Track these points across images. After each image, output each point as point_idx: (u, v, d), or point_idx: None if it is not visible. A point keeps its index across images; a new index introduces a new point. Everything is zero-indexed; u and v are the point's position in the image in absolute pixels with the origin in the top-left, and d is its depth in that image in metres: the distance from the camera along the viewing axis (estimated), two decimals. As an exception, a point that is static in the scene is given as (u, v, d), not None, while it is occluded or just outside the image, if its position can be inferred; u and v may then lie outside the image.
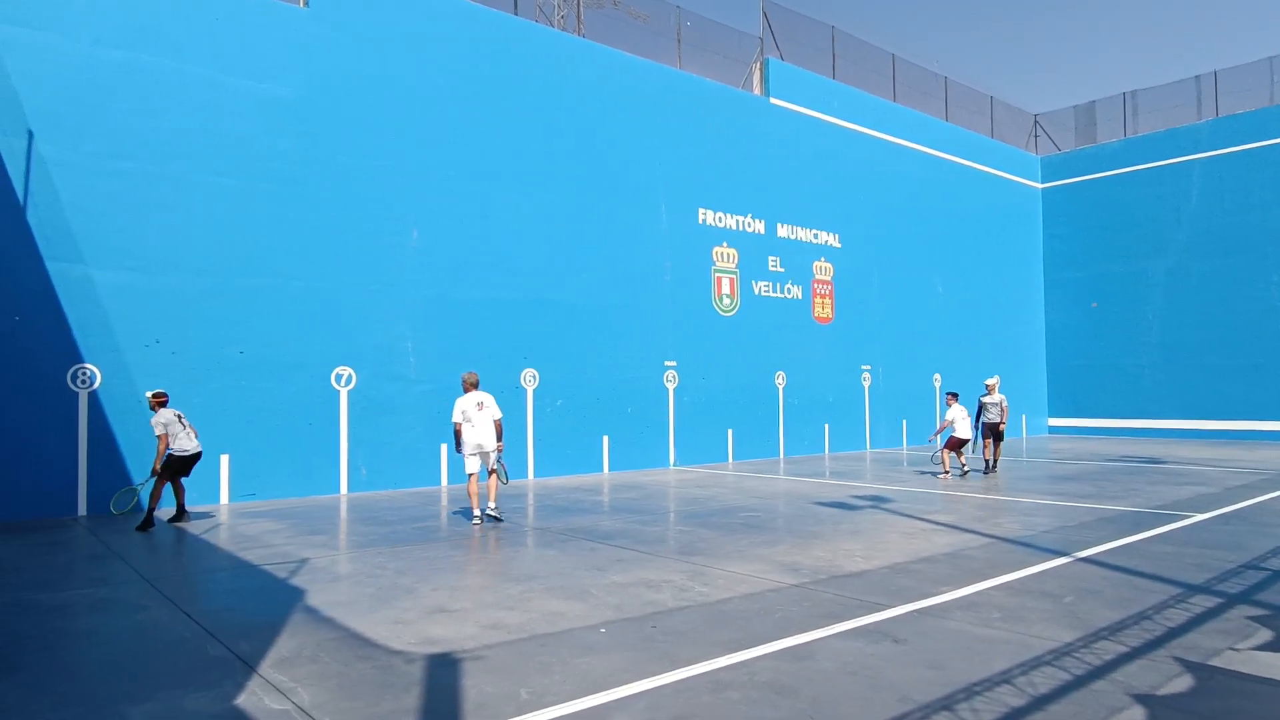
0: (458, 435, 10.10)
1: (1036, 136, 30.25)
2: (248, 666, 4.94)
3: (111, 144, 11.83)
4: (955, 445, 15.18)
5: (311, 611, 6.20)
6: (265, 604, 6.55)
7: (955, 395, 15.56)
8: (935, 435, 16.15)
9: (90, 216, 11.63)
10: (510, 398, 15.42)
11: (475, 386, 10.34)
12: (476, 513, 10.19)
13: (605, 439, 16.76)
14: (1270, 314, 24.19)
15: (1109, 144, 28.14)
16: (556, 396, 16.02)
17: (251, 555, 8.40)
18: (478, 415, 10.12)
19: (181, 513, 10.65)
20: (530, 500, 12.68)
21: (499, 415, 10.30)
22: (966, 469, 15.47)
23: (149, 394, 10.70)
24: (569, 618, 5.91)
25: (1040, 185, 29.57)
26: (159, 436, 10.15)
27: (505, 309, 15.52)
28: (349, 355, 13.68)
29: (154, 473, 10.24)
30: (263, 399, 12.70)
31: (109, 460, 11.58)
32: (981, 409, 16.04)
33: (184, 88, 12.43)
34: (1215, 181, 25.44)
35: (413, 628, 5.72)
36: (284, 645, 5.36)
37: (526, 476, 15.61)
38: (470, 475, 10.21)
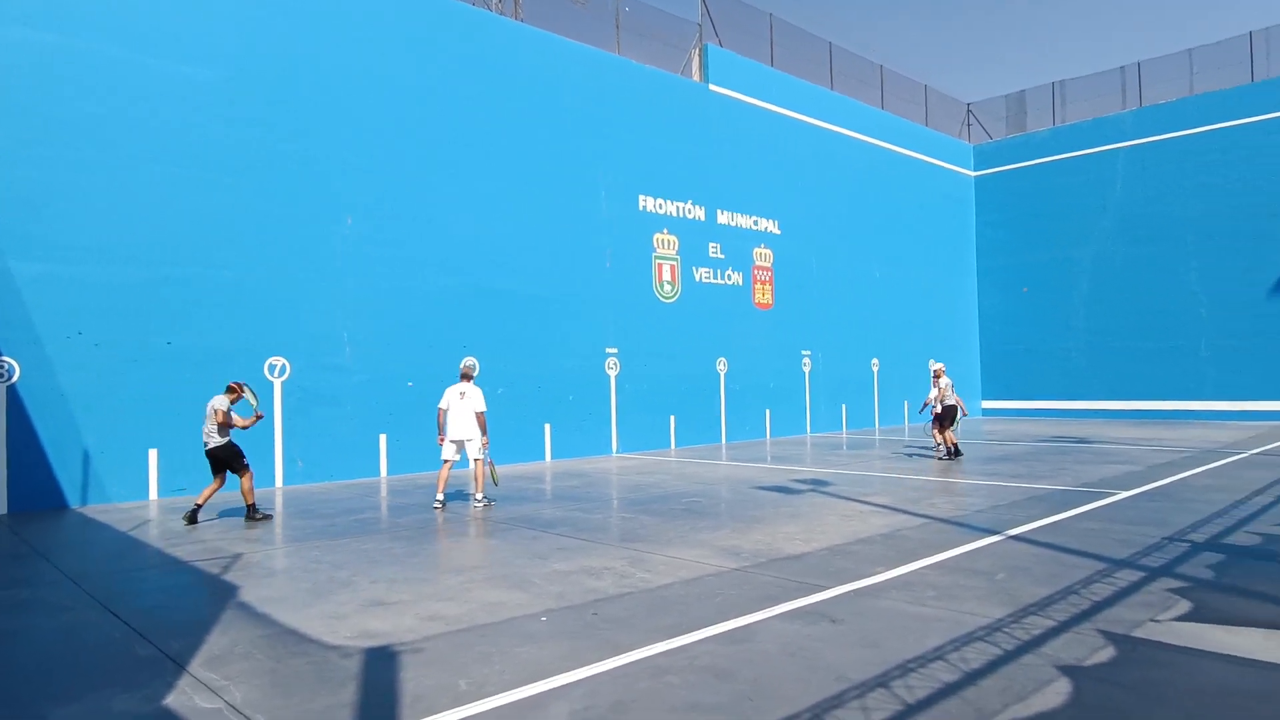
0: (439, 421, 10.47)
1: (969, 125, 30.92)
2: (178, 665, 4.78)
3: (30, 129, 11.28)
4: (941, 419, 15.69)
5: (245, 608, 6.03)
6: (196, 601, 6.36)
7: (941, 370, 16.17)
8: (923, 409, 16.90)
9: (7, 204, 11.08)
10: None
11: (465, 377, 10.62)
12: (439, 497, 10.51)
13: (547, 427, 16.68)
14: (1189, 299, 25.20)
15: (1038, 133, 28.92)
16: (497, 385, 15.85)
17: (182, 551, 8.15)
18: (458, 404, 10.39)
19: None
20: (471, 490, 12.53)
21: (481, 408, 10.45)
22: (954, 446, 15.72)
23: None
24: (509, 607, 5.86)
25: (973, 173, 30.26)
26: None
27: (444, 297, 15.29)
28: (282, 345, 13.33)
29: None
30: (192, 391, 12.28)
31: (30, 456, 11.10)
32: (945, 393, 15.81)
33: (106, 70, 11.91)
34: (1139, 170, 26.35)
35: (349, 621, 5.61)
36: (215, 643, 5.20)
37: (468, 466, 15.43)
38: (444, 461, 10.49)
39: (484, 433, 10.51)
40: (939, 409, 15.59)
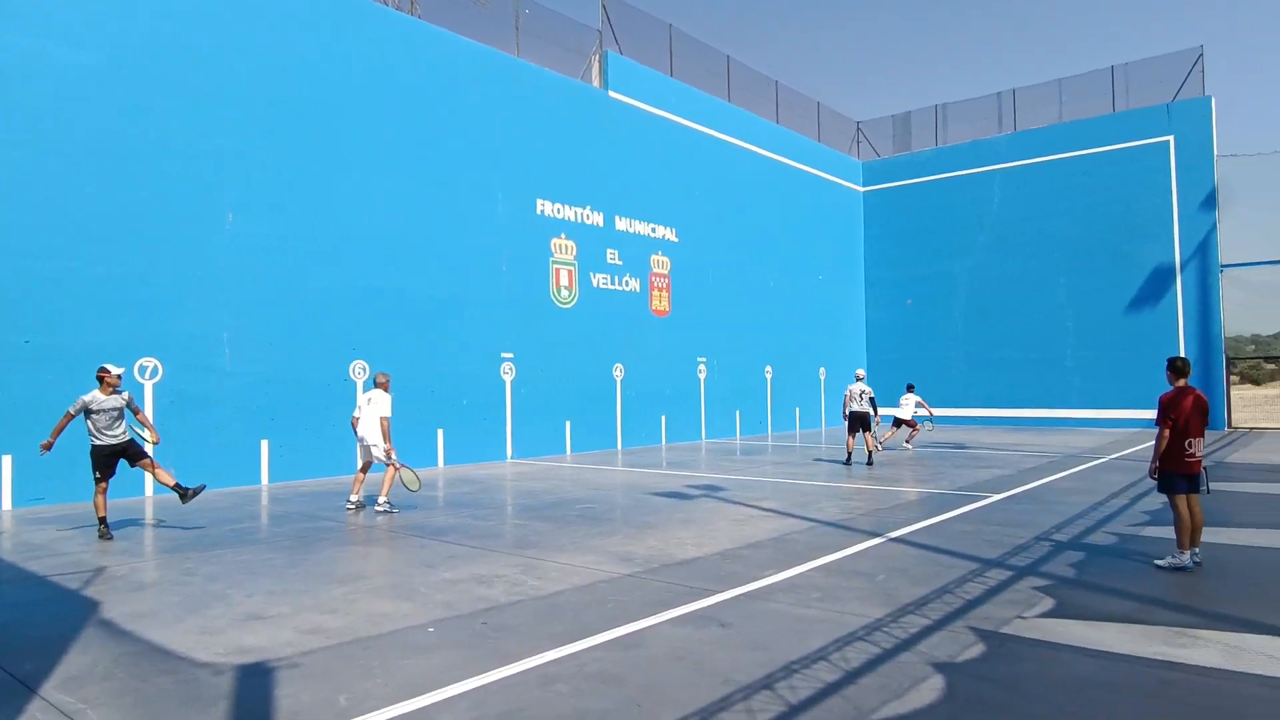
0: (354, 426, 10.66)
1: (858, 142, 32.08)
2: (28, 689, 4.43)
3: None
4: (898, 424, 18.98)
5: (107, 624, 5.65)
6: (53, 618, 5.91)
7: (911, 386, 19.49)
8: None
9: None
10: (338, 391, 14.73)
11: (378, 385, 10.73)
12: (352, 499, 10.69)
13: (440, 432, 16.33)
14: (1057, 312, 26.85)
15: (922, 152, 30.27)
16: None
17: (39, 565, 7.57)
18: (365, 410, 10.57)
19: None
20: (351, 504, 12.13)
21: (384, 414, 10.42)
22: (891, 446, 18.67)
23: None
24: (395, 618, 5.69)
25: (861, 188, 31.40)
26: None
27: (332, 298, 14.78)
28: (155, 346, 12.60)
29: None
30: (52, 393, 11.44)
31: None
32: (851, 399, 15.85)
33: (-47, 42, 11.00)
34: (1013, 190, 27.92)
35: (223, 637, 5.33)
36: (73, 662, 4.85)
37: (355, 472, 14.94)
38: (397, 467, 10.53)
39: (386, 439, 10.38)
40: (853, 410, 15.72)
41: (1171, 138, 25.15)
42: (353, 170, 15.19)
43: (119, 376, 9.00)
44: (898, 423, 19.49)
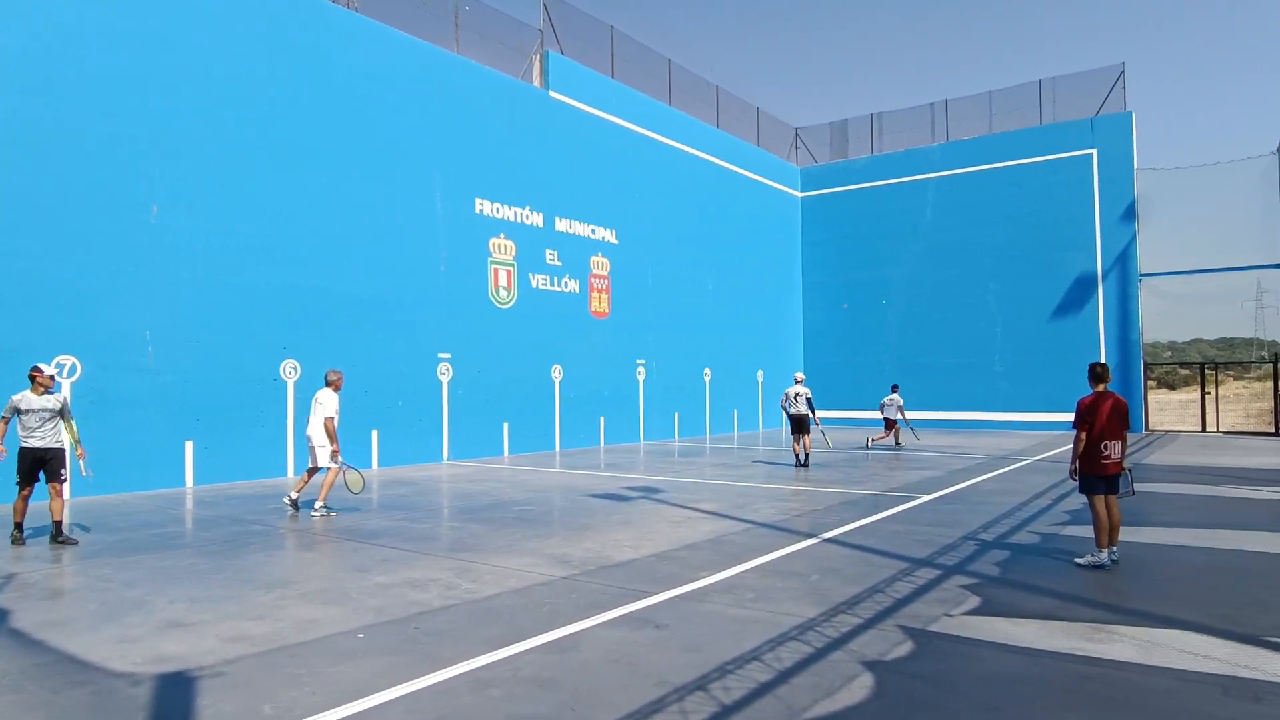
0: (332, 428, 10.37)
1: (797, 148, 32.56)
2: (-77, 706, 4.20)
3: None
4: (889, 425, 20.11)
5: (17, 634, 5.39)
6: (-48, 630, 5.62)
7: (895, 386, 20.70)
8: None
9: None
10: (269, 391, 14.36)
11: (328, 383, 10.56)
12: (292, 495, 10.49)
13: (375, 433, 16.03)
14: (987, 318, 27.64)
15: (858, 160, 30.87)
16: (319, 388, 15.06)
17: (-62, 574, 7.19)
18: (312, 410, 10.44)
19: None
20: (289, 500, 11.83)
21: (328, 414, 10.27)
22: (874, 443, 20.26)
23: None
24: (324, 624, 5.55)
25: (800, 194, 31.86)
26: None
27: (264, 295, 14.40)
28: (73, 343, 12.09)
29: None
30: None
31: None
32: (789, 401, 15.72)
33: None
34: (946, 199, 28.66)
35: (141, 645, 5.13)
36: (-26, 677, 4.61)
37: (286, 474, 14.60)
38: (337, 468, 10.36)
39: (332, 440, 10.24)
40: (791, 414, 15.62)
41: (1095, 151, 26.11)
42: (286, 165, 14.81)
43: (51, 377, 8.64)
44: (888, 424, 20.48)
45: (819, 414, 15.83)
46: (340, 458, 10.38)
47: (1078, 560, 7.29)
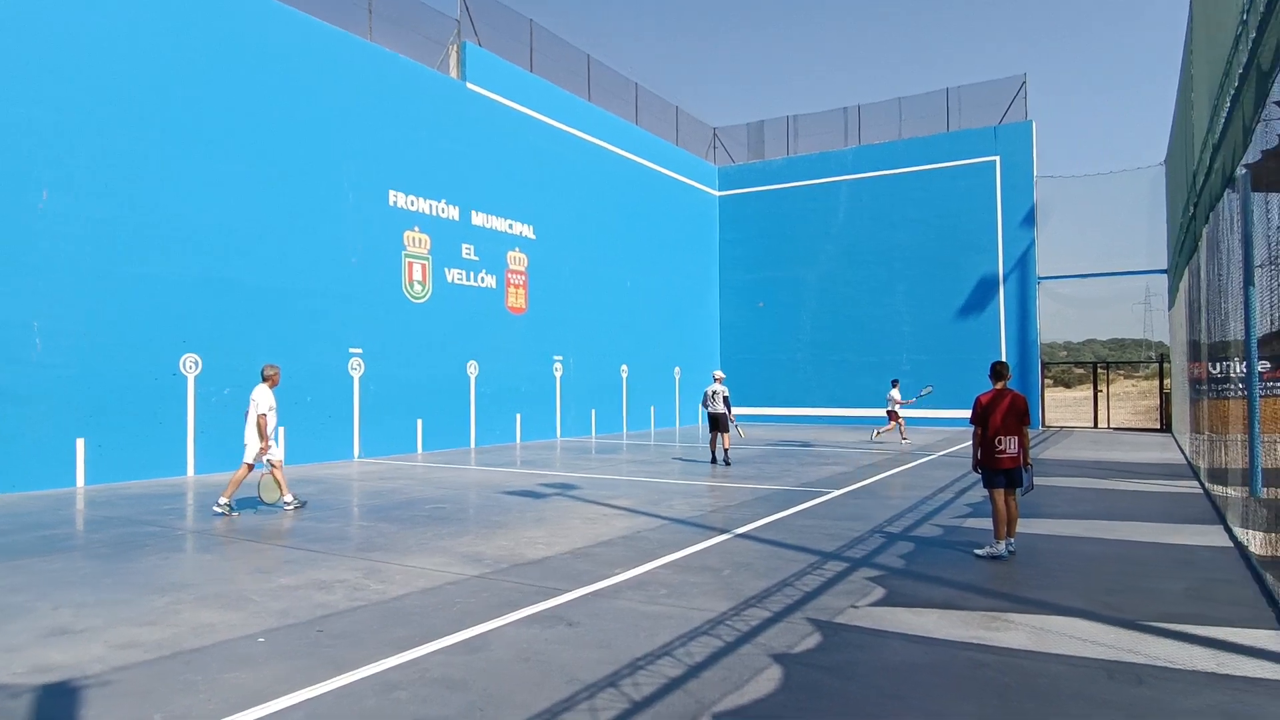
0: (263, 425, 10.11)
1: (715, 148, 32.89)
2: None
3: None
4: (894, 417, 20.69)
5: (-126, 648, 5.01)
6: None
7: (895, 381, 21.86)
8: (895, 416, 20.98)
9: None
10: (168, 386, 13.72)
11: (264, 379, 10.28)
12: (288, 498, 10.29)
13: (281, 431, 15.49)
14: (895, 317, 28.49)
15: (774, 161, 31.38)
16: (224, 385, 14.51)
17: None
18: (249, 407, 10.17)
19: None
20: (190, 500, 11.36)
21: (261, 410, 10.03)
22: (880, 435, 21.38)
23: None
24: (222, 629, 5.33)
25: (717, 193, 32.21)
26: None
27: (162, 286, 13.74)
28: (-52, 334, 11.31)
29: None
30: None
31: None
32: (707, 399, 15.56)
33: None
34: (857, 201, 29.40)
35: (22, 655, 4.83)
36: None
37: (186, 473, 13.99)
38: (274, 464, 10.18)
39: (261, 437, 9.96)
40: (709, 412, 15.49)
41: (998, 158, 27.19)
42: (188, 151, 14.17)
43: None
44: (892, 416, 21.17)
45: (736, 410, 15.89)
46: (267, 458, 10.03)
47: (977, 552, 7.57)
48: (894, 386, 21.76)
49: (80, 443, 12.63)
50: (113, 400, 13.01)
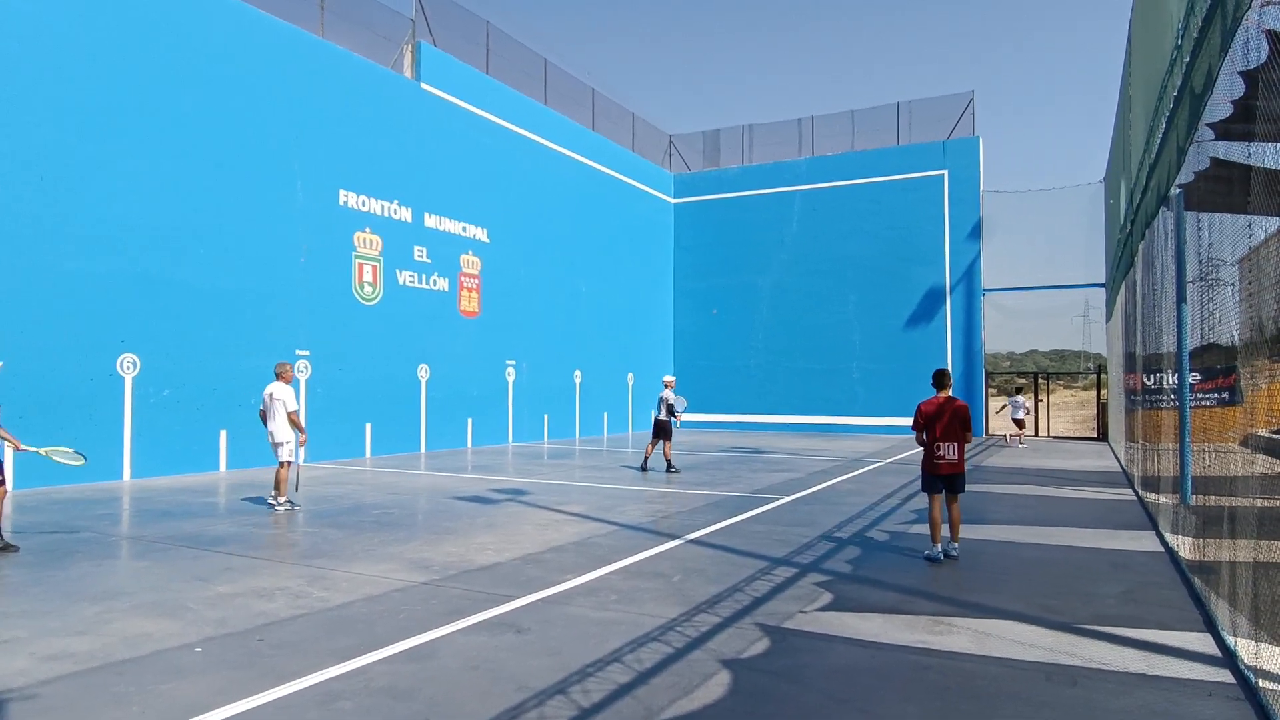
0: (296, 420, 10.41)
1: (671, 155, 33.04)
2: None
3: None
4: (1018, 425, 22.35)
5: None
6: None
7: (1021, 389, 23.44)
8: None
9: None
10: (104, 387, 13.30)
11: (278, 377, 10.51)
12: (284, 499, 10.39)
13: (223, 434, 15.13)
14: (846, 326, 28.88)
15: (729, 169, 31.64)
16: (163, 386, 14.12)
17: None
18: (270, 406, 10.40)
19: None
20: (125, 505, 11.02)
21: (291, 407, 10.33)
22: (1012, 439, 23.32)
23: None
24: (157, 638, 5.17)
25: (673, 200, 32.35)
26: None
27: (99, 284, 13.33)
28: None
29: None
30: None
31: None
32: (660, 405, 15.31)
33: None
34: (810, 211, 29.77)
35: (-62, 669, 4.62)
36: None
37: (122, 477, 13.57)
38: (288, 463, 10.41)
39: (300, 430, 10.48)
40: (656, 418, 15.40)
41: (946, 172, 27.77)
42: (130, 146, 13.77)
43: None
44: (1019, 424, 23.23)
45: (687, 416, 15.76)
46: (283, 453, 10.38)
47: (926, 553, 7.73)
48: (1019, 393, 23.64)
49: (6, 447, 12.14)
50: (44, 401, 12.56)
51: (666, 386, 15.62)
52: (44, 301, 12.62)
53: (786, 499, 11.88)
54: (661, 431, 15.39)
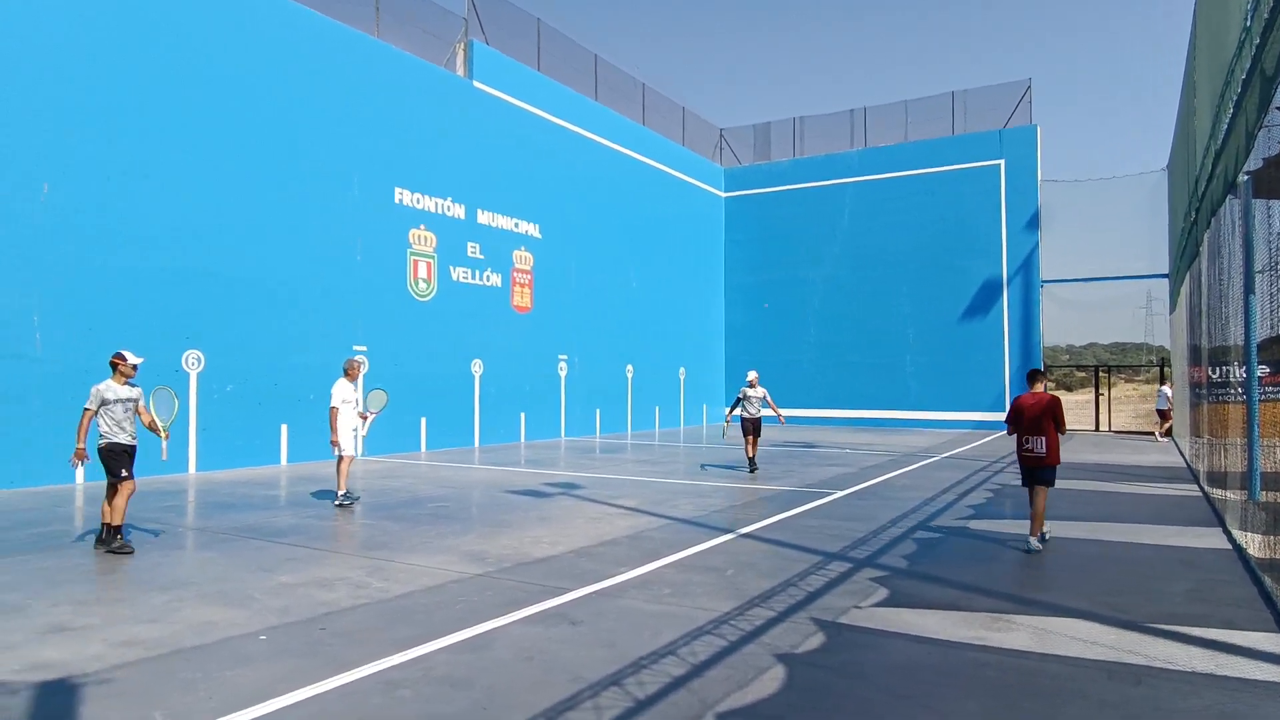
0: (333, 418, 10.34)
1: (721, 149, 32.88)
2: None
3: None
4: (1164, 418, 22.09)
5: (-121, 642, 5.02)
6: None
7: (1169, 380, 22.11)
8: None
9: None
10: (170, 382, 13.73)
11: (356, 377, 10.69)
12: (342, 492, 10.47)
13: (284, 428, 15.53)
14: (899, 320, 28.46)
15: (780, 162, 31.37)
16: (226, 381, 14.54)
17: None
18: (353, 401, 10.62)
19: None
20: (191, 497, 11.38)
21: (333, 404, 10.42)
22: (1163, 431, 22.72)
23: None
24: (223, 627, 5.34)
25: (723, 194, 32.21)
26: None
27: (165, 281, 13.77)
28: (-47, 329, 11.34)
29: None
30: None
31: None
32: (742, 401, 14.60)
33: None
34: (863, 203, 29.38)
35: (18, 653, 4.83)
36: None
37: (188, 470, 14.01)
38: (341, 458, 10.44)
39: (331, 428, 10.40)
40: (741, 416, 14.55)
41: (1002, 161, 27.16)
42: (191, 144, 14.19)
43: (134, 367, 8.09)
44: (1163, 415, 22.94)
45: (734, 411, 15.36)
46: (336, 449, 10.43)
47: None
48: (1165, 383, 23.16)
49: (84, 439, 12.63)
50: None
51: (751, 384, 14.65)
52: (112, 299, 13.08)
53: (839, 493, 11.77)
54: (745, 428, 14.48)
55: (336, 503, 10.42)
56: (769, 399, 14.62)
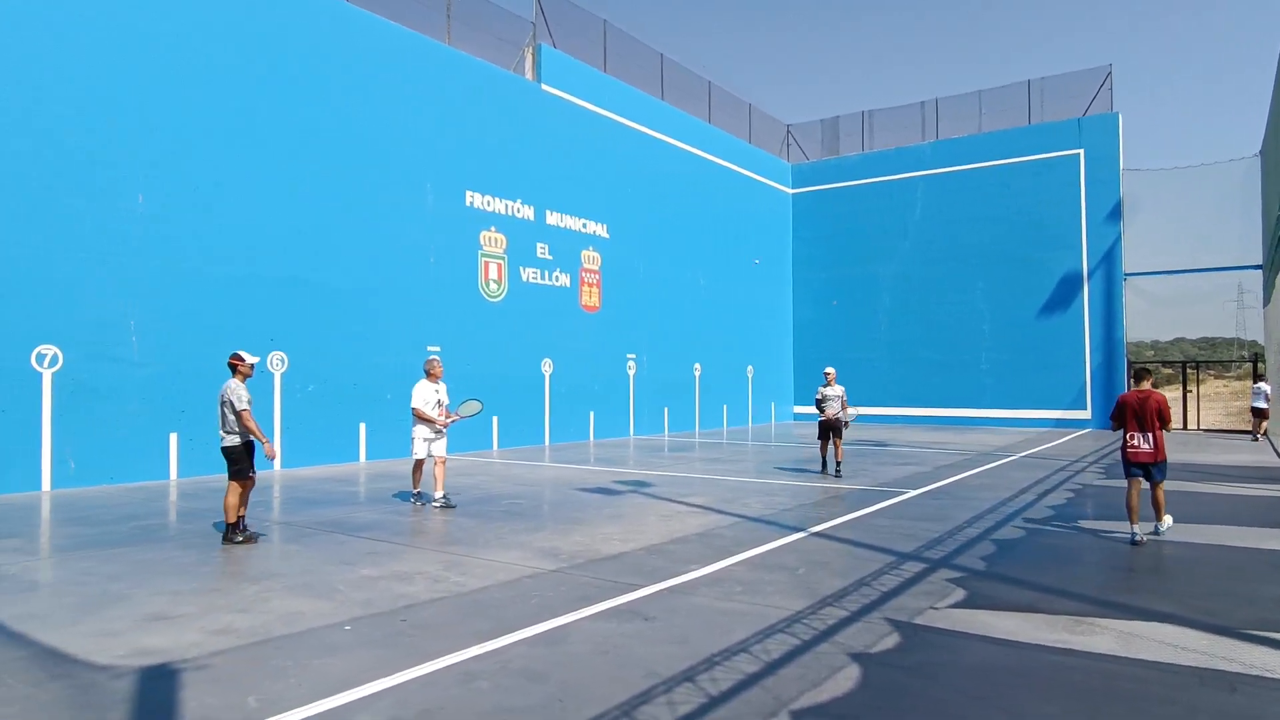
0: (417, 418, 10.36)
1: (788, 145, 32.58)
2: (-95, 696, 4.17)
3: None
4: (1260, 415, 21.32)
5: (-3, 627, 5.36)
6: (-65, 621, 5.58)
7: (1265, 377, 21.44)
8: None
9: None
10: (254, 383, 14.27)
11: (439, 377, 10.69)
12: (417, 490, 10.55)
13: (362, 426, 15.99)
14: (974, 316, 27.77)
15: (849, 157, 30.93)
16: (308, 382, 15.04)
17: (-80, 565, 7.14)
18: (434, 402, 10.55)
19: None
20: (276, 493, 11.81)
21: (415, 404, 10.45)
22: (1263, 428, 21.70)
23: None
24: (310, 617, 5.55)
25: (791, 190, 31.91)
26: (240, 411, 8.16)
27: (250, 286, 14.32)
28: (54, 333, 12.00)
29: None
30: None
31: None
32: (821, 402, 13.95)
33: None
34: (935, 197, 28.75)
35: (123, 639, 5.11)
36: (-44, 668, 4.58)
37: (273, 467, 14.54)
38: (418, 459, 10.44)
39: (427, 423, 10.43)
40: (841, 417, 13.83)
41: (1081, 151, 26.25)
42: (273, 154, 14.73)
43: (252, 366, 8.57)
44: (1258, 414, 22.11)
45: (805, 409, 15.27)
46: (415, 447, 10.47)
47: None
48: (1263, 380, 22.39)
49: (173, 437, 13.24)
50: (202, 397, 13.58)
51: (829, 381, 14.09)
52: (202, 301, 13.65)
53: (913, 493, 11.56)
54: (825, 429, 13.88)
55: (436, 504, 10.21)
56: (844, 399, 13.93)
